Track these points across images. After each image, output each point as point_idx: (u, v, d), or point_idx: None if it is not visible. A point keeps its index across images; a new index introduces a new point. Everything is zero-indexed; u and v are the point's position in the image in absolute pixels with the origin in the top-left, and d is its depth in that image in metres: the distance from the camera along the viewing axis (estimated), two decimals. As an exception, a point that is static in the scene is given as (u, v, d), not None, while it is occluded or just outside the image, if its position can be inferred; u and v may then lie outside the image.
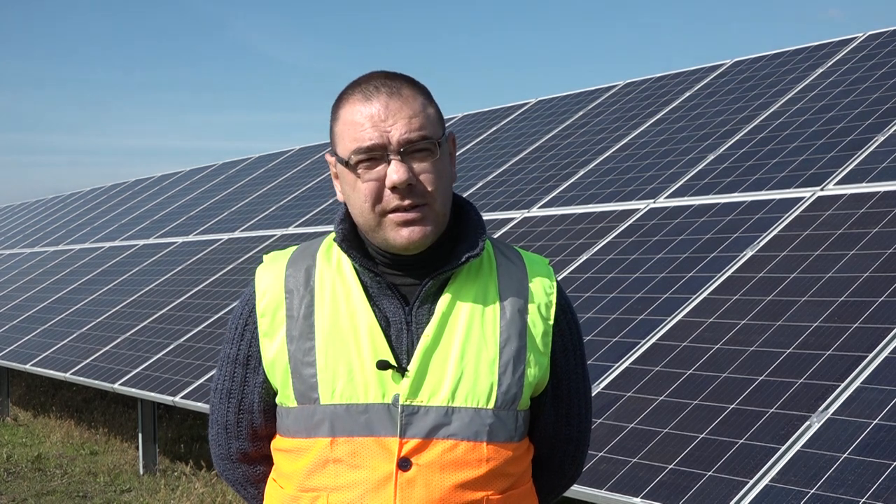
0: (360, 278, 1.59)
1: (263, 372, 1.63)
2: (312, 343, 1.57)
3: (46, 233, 13.74)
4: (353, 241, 1.60)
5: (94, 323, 8.11)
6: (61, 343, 7.92)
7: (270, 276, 1.64)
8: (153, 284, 8.44)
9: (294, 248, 1.70)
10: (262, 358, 1.62)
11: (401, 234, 1.53)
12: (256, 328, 1.63)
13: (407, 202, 1.52)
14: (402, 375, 1.53)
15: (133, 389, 6.24)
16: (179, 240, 9.67)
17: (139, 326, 7.44)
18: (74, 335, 7.99)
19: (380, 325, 1.56)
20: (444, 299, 1.57)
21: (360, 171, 1.54)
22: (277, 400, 1.62)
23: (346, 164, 1.55)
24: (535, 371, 1.59)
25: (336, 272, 1.61)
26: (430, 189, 1.53)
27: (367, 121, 1.53)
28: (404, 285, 1.59)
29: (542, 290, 1.63)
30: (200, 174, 12.58)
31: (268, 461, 1.70)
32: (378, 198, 1.53)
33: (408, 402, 1.52)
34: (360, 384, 1.53)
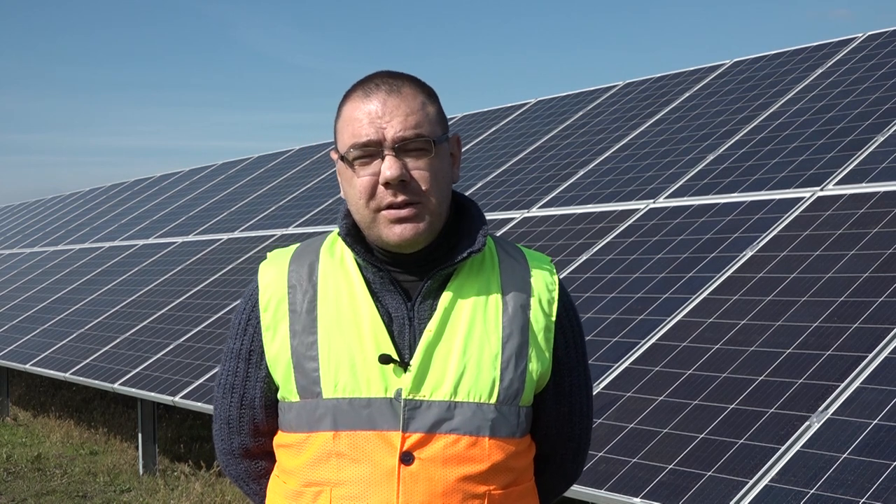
0: (362, 274, 1.60)
1: (266, 367, 1.64)
2: (315, 337, 1.57)
3: (46, 233, 13.74)
4: (357, 236, 1.61)
5: (93, 323, 8.11)
6: (61, 343, 7.92)
7: (273, 272, 1.65)
8: (153, 284, 8.44)
9: (297, 245, 1.71)
10: (265, 352, 1.63)
11: (393, 230, 1.54)
12: (259, 323, 1.63)
13: (400, 199, 1.53)
14: (405, 370, 1.53)
15: (133, 389, 6.24)
16: (179, 240, 9.67)
17: (139, 326, 7.44)
18: (74, 335, 7.99)
19: (382, 320, 1.56)
20: (447, 295, 1.58)
21: (356, 166, 1.55)
22: (279, 395, 1.63)
23: (344, 158, 1.57)
24: (538, 366, 1.59)
25: (339, 267, 1.62)
26: (424, 187, 1.54)
27: (365, 117, 1.54)
28: (406, 281, 1.59)
29: (545, 286, 1.64)
30: (200, 174, 12.58)
31: (270, 457, 1.71)
32: (372, 193, 1.54)
33: (410, 397, 1.52)
34: (362, 378, 1.54)
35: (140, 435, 6.99)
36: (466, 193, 6.77)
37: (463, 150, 7.66)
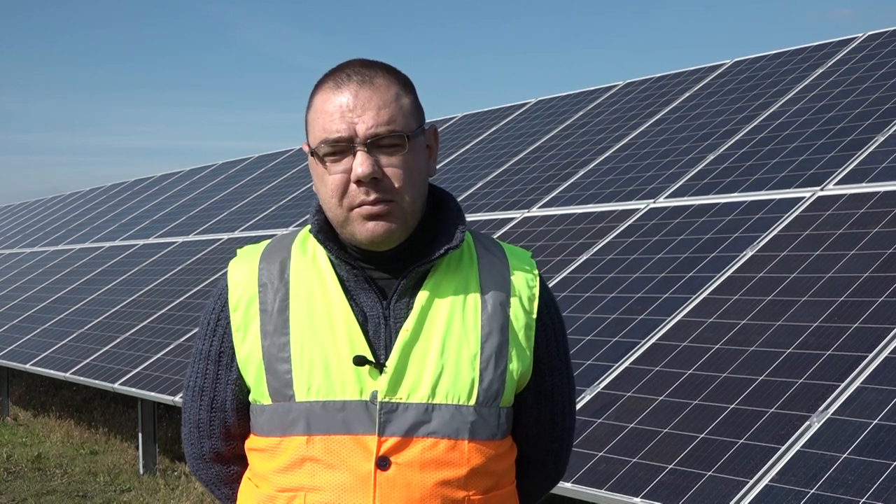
0: (336, 271, 1.55)
1: (237, 369, 1.58)
2: (287, 338, 1.51)
3: (46, 233, 13.74)
4: (329, 233, 1.55)
5: (93, 323, 8.11)
6: (61, 343, 7.92)
7: (243, 270, 1.59)
8: (153, 284, 8.44)
9: (268, 241, 1.65)
10: (236, 354, 1.57)
11: (366, 227, 1.48)
12: (229, 323, 1.58)
13: (373, 197, 1.47)
14: (381, 371, 1.48)
15: (133, 389, 6.24)
16: (179, 240, 9.67)
17: (139, 326, 7.44)
18: (74, 335, 7.99)
19: (357, 319, 1.51)
20: (424, 293, 1.52)
21: (327, 163, 1.49)
22: (251, 398, 1.57)
23: (314, 154, 1.52)
24: (518, 366, 1.54)
25: (311, 265, 1.56)
26: (397, 185, 1.48)
27: (336, 111, 1.48)
28: (382, 279, 1.54)
29: (525, 283, 1.58)
30: (200, 174, 12.58)
31: (242, 461, 1.65)
32: (344, 191, 1.48)
33: (386, 400, 1.47)
34: (336, 381, 1.48)
35: (140, 435, 6.99)
36: (466, 193, 6.79)
37: (463, 150, 7.60)
